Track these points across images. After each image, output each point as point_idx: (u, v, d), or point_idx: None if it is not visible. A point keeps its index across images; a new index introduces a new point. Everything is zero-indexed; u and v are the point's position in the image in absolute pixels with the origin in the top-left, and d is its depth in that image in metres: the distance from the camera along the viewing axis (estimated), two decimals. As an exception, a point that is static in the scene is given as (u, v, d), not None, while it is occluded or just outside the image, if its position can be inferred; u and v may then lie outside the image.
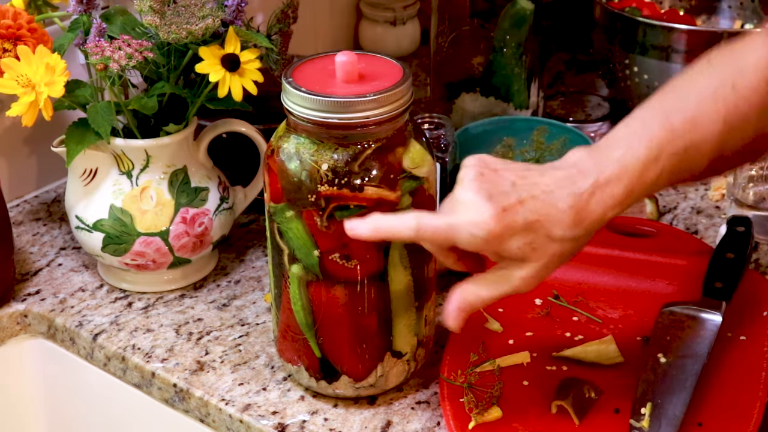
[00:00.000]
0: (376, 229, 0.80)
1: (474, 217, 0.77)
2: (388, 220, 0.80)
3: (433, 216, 0.79)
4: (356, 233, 0.80)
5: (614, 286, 1.03)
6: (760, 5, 1.41)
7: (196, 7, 0.97)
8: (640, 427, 0.85)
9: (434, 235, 0.79)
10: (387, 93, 0.83)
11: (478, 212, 0.76)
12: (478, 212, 0.76)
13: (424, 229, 0.78)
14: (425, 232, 0.78)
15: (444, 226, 0.78)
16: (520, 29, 1.27)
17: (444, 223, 0.78)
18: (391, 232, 0.80)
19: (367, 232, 0.80)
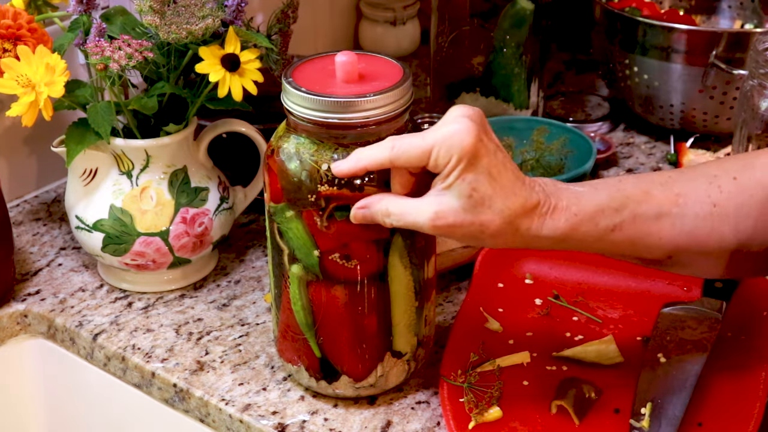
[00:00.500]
0: (358, 161, 0.80)
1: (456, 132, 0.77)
2: (366, 150, 0.80)
3: (408, 135, 0.80)
4: (341, 171, 0.81)
5: (614, 286, 1.03)
6: (760, 5, 1.41)
7: (196, 7, 0.97)
8: (640, 427, 0.85)
9: (409, 149, 0.78)
10: (387, 93, 0.83)
11: (465, 130, 0.77)
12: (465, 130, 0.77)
13: (398, 146, 0.79)
14: (400, 148, 0.79)
15: (418, 140, 0.78)
16: (520, 29, 1.27)
17: (419, 138, 0.78)
18: (370, 159, 0.80)
19: (350, 166, 0.80)
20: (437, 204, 0.79)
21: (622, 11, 1.32)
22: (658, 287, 1.02)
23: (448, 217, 0.78)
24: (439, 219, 0.78)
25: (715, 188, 0.81)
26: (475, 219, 0.78)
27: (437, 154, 0.78)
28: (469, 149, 0.77)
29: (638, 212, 0.80)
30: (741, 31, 1.32)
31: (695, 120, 1.31)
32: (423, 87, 1.46)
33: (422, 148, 0.78)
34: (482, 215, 0.78)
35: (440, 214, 0.78)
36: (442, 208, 0.78)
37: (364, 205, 0.81)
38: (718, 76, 1.25)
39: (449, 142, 0.77)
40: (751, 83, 1.09)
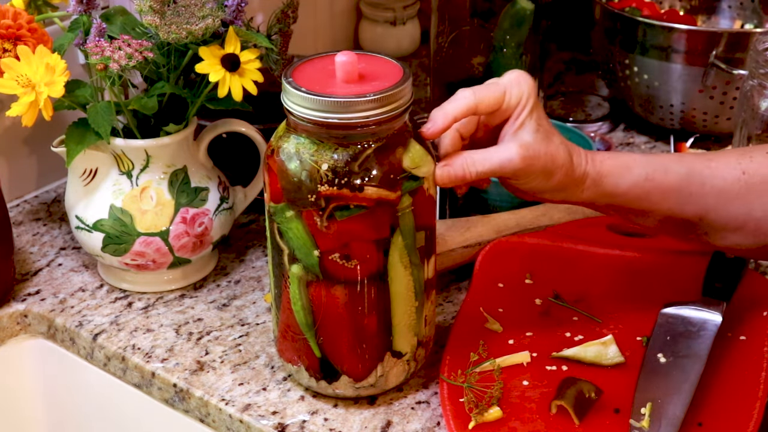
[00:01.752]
0: (446, 115, 0.86)
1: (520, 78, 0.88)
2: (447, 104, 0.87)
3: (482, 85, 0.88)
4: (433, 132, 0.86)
5: (614, 286, 1.03)
6: (760, 5, 1.41)
7: (196, 7, 0.97)
8: (640, 427, 0.85)
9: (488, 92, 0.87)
10: (387, 93, 0.83)
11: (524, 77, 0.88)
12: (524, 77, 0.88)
13: (478, 92, 0.87)
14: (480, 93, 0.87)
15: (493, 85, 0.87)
16: (520, 29, 1.27)
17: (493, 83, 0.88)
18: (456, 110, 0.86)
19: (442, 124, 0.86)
20: (518, 140, 0.86)
21: (622, 11, 1.32)
22: (658, 287, 1.02)
23: (530, 148, 0.86)
24: (524, 151, 0.85)
25: (746, 158, 0.90)
26: (547, 149, 0.86)
27: (510, 92, 0.87)
28: (533, 92, 0.87)
29: (670, 168, 0.89)
30: (741, 31, 1.32)
31: (695, 120, 1.31)
32: (423, 87, 1.46)
33: (498, 91, 0.87)
34: (550, 146, 0.87)
35: (523, 147, 0.86)
36: (523, 142, 0.86)
37: (447, 163, 0.86)
38: (718, 76, 1.25)
39: (519, 85, 0.87)
40: (751, 83, 1.09)
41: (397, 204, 0.85)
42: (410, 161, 0.85)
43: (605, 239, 1.07)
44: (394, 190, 0.84)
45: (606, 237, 1.08)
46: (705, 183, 0.88)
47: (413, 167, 0.85)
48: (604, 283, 1.03)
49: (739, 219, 0.89)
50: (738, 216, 0.89)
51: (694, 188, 0.88)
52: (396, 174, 0.84)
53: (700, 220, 0.89)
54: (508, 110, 0.87)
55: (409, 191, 0.85)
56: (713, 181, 0.88)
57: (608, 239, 1.07)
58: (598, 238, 1.07)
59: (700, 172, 0.89)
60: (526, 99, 0.87)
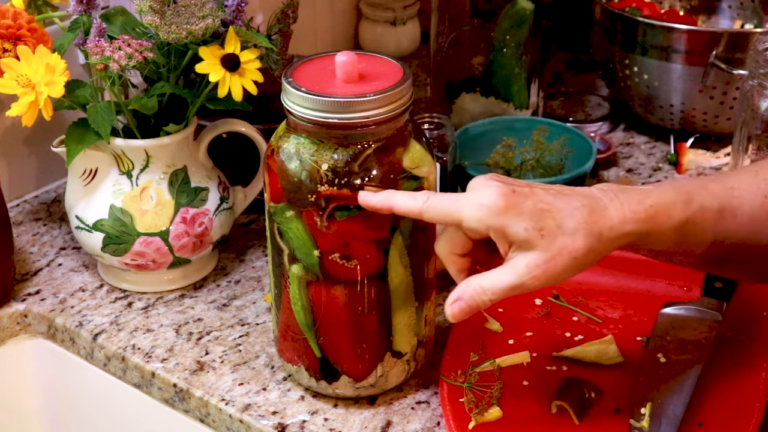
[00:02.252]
0: (387, 200, 0.81)
1: (482, 193, 0.78)
2: (399, 195, 0.81)
3: (443, 194, 0.80)
4: (368, 202, 0.82)
5: (614, 286, 1.03)
6: (760, 5, 1.41)
7: (196, 7, 0.97)
8: (640, 427, 0.85)
9: (439, 208, 0.79)
10: (387, 93, 0.83)
11: (487, 190, 0.78)
12: (487, 190, 0.78)
13: (430, 202, 0.80)
14: (431, 205, 0.79)
15: (450, 201, 0.79)
16: (520, 29, 1.27)
17: (451, 199, 0.79)
18: (400, 205, 0.81)
19: (378, 202, 0.81)
20: (523, 260, 0.77)
21: (622, 11, 1.32)
22: (658, 287, 1.02)
23: (539, 266, 0.77)
24: (533, 270, 0.77)
25: (761, 180, 0.82)
26: (560, 251, 0.77)
27: (468, 216, 0.78)
28: (501, 206, 0.77)
29: (705, 205, 0.80)
30: (741, 31, 1.32)
31: (695, 120, 1.31)
32: (423, 87, 1.46)
33: (450, 210, 0.79)
34: (563, 244, 0.77)
35: (530, 267, 0.77)
36: (528, 261, 0.77)
37: (457, 298, 0.80)
38: (718, 76, 1.25)
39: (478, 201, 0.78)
40: (751, 83, 1.09)
41: (397, 204, 0.85)
42: (410, 161, 0.85)
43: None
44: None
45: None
46: (736, 215, 0.81)
47: (413, 167, 0.85)
48: (604, 283, 1.03)
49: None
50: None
51: (729, 224, 0.81)
52: (396, 174, 0.84)
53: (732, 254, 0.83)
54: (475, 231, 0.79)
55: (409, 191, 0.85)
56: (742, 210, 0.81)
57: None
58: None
59: (729, 203, 0.81)
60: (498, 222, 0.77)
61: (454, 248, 0.82)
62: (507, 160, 1.19)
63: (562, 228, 0.77)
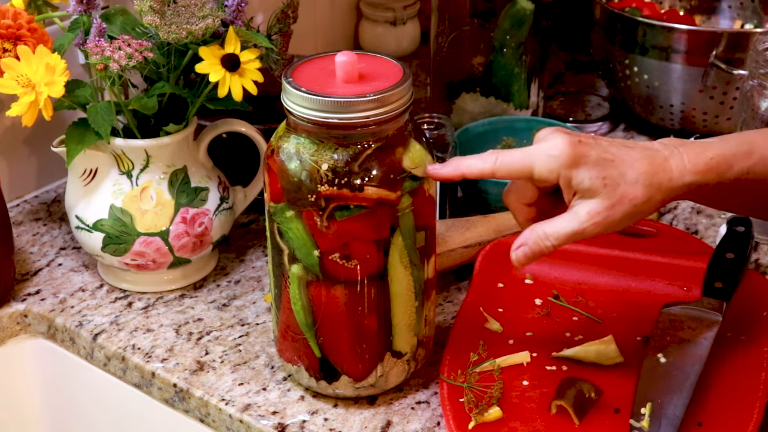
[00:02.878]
0: (457, 168, 0.84)
1: (551, 144, 0.81)
2: (467, 159, 0.84)
3: (511, 151, 0.83)
4: (438, 173, 0.84)
5: (614, 286, 1.03)
6: (760, 5, 1.41)
7: (196, 7, 0.97)
8: (640, 427, 0.85)
9: (511, 164, 0.82)
10: (387, 93, 0.83)
11: (555, 141, 0.81)
12: (555, 141, 0.81)
13: (501, 159, 0.83)
14: (502, 163, 0.83)
15: (520, 155, 0.82)
16: (520, 29, 1.27)
17: (521, 153, 0.82)
18: (470, 168, 0.84)
19: (449, 172, 0.84)
20: (585, 207, 0.81)
21: (622, 11, 1.32)
22: (658, 287, 1.02)
23: (600, 211, 0.81)
24: (594, 217, 0.81)
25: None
26: (621, 199, 0.80)
27: (540, 167, 0.81)
28: (568, 154, 0.81)
29: (766, 155, 0.83)
30: (741, 31, 1.32)
31: (695, 120, 1.31)
32: (423, 87, 1.46)
33: (522, 162, 0.82)
34: (625, 193, 0.80)
35: (592, 213, 0.81)
36: (590, 208, 0.81)
37: (522, 243, 0.83)
38: (718, 76, 1.25)
39: (547, 152, 0.81)
40: (751, 83, 1.09)
41: (397, 204, 0.85)
42: (410, 161, 0.85)
43: (605, 239, 1.07)
44: (394, 190, 0.84)
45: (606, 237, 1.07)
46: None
47: (413, 167, 0.85)
48: (604, 283, 1.03)
49: None
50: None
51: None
52: (396, 174, 0.84)
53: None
54: (544, 182, 0.82)
55: (409, 191, 0.85)
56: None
57: (608, 239, 1.07)
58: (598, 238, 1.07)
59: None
60: (566, 169, 0.81)
61: (522, 198, 0.86)
62: (507, 160, 1.19)
63: (624, 177, 0.81)
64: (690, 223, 1.18)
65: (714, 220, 1.18)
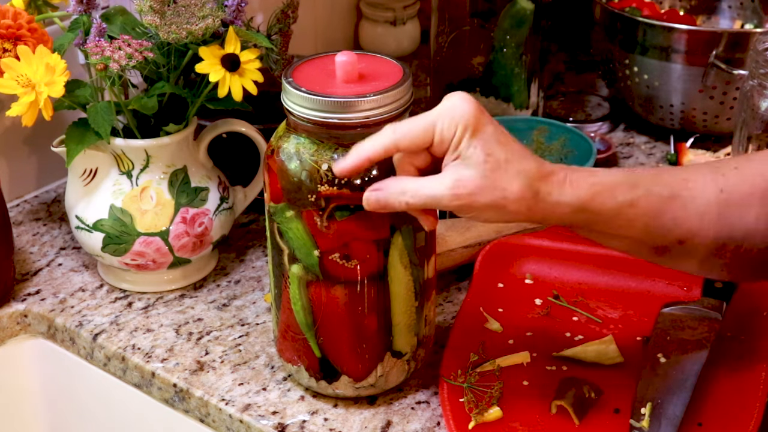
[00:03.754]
0: (359, 155, 0.79)
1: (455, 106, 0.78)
2: (365, 142, 0.80)
3: (409, 119, 0.79)
4: (343, 170, 0.80)
5: (614, 286, 1.03)
6: (760, 5, 1.41)
7: (196, 7, 0.97)
8: (640, 427, 0.85)
9: (411, 131, 0.78)
10: (387, 93, 0.83)
11: (461, 104, 0.78)
12: (461, 104, 0.78)
13: (400, 129, 0.79)
14: (402, 132, 0.78)
15: (420, 120, 0.79)
16: (520, 29, 1.27)
17: (420, 118, 0.79)
18: (372, 150, 0.79)
19: (352, 162, 0.80)
20: (455, 173, 0.77)
21: (622, 11, 1.32)
22: (658, 287, 1.02)
23: (468, 184, 0.77)
24: (459, 187, 0.77)
25: (719, 176, 0.82)
26: (495, 183, 0.77)
27: (441, 126, 0.78)
28: (472, 115, 0.78)
29: (652, 190, 0.80)
30: (741, 31, 1.32)
31: (695, 120, 1.31)
32: (423, 87, 1.46)
33: (425, 125, 0.78)
34: (501, 179, 0.77)
35: (460, 183, 0.77)
36: (460, 176, 0.77)
37: (378, 188, 0.79)
38: (718, 76, 1.25)
39: (451, 113, 0.78)
40: (751, 83, 1.09)
41: (397, 204, 0.85)
42: (410, 161, 0.85)
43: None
44: (394, 190, 0.84)
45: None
46: (687, 206, 0.81)
47: (413, 167, 0.85)
48: (604, 283, 1.03)
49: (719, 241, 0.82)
50: (719, 238, 0.82)
51: (677, 213, 0.81)
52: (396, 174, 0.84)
53: (680, 245, 0.82)
54: (441, 144, 0.78)
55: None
56: (694, 202, 0.81)
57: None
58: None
59: (680, 194, 0.81)
60: (463, 129, 0.77)
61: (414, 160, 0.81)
62: (507, 160, 1.19)
63: (508, 164, 0.77)
64: (690, 223, 1.18)
65: (714, 220, 1.18)
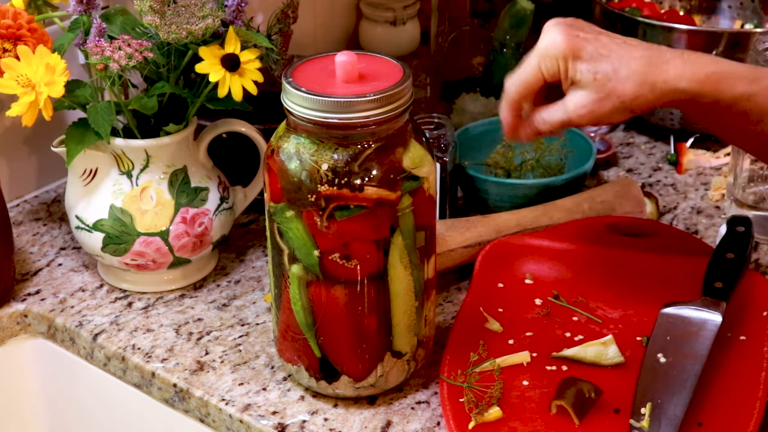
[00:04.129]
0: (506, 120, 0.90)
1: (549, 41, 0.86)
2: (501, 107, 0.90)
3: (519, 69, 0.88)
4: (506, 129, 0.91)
5: (614, 286, 1.03)
6: (760, 5, 1.41)
7: (196, 7, 0.97)
8: (640, 427, 0.85)
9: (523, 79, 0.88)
10: (387, 93, 0.83)
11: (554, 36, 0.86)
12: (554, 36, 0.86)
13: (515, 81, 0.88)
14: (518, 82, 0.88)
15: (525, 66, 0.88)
16: (520, 29, 1.27)
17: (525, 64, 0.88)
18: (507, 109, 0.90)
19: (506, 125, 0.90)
20: (574, 97, 0.85)
21: (622, 11, 1.32)
22: (658, 287, 1.02)
23: (587, 103, 0.85)
24: (579, 109, 0.85)
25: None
26: (608, 95, 0.84)
27: (545, 66, 0.86)
28: (567, 46, 0.85)
29: None
30: (741, 31, 1.32)
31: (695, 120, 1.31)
32: (423, 87, 1.46)
33: (532, 70, 0.87)
34: (615, 88, 0.84)
35: (579, 104, 0.85)
36: (577, 99, 0.85)
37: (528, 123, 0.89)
38: (718, 76, 1.25)
39: (547, 51, 0.86)
40: (751, 83, 1.09)
41: (397, 204, 0.85)
42: (410, 161, 0.85)
43: (605, 239, 1.07)
44: (394, 190, 0.84)
45: (606, 237, 1.07)
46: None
47: (413, 167, 0.85)
48: (604, 284, 1.03)
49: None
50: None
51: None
52: (396, 174, 0.84)
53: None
54: (553, 78, 0.87)
55: (409, 191, 0.85)
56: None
57: (608, 239, 1.07)
58: (598, 238, 1.07)
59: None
60: (564, 61, 0.85)
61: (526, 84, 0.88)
62: (507, 160, 1.19)
63: (617, 73, 0.84)
64: (690, 223, 1.18)
65: (714, 220, 1.18)
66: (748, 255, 1.01)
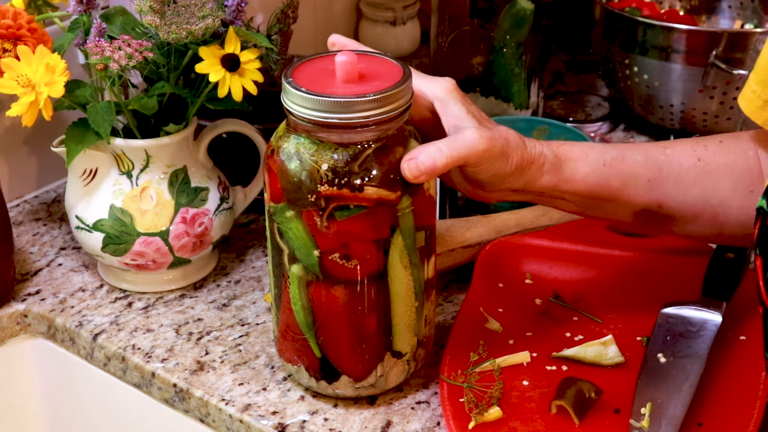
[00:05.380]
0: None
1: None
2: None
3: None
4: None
5: (614, 286, 1.03)
6: (760, 5, 1.41)
7: (196, 7, 0.97)
8: (640, 427, 0.85)
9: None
10: (387, 93, 0.83)
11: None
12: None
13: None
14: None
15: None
16: (520, 29, 1.27)
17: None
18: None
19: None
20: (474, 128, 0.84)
21: (622, 11, 1.32)
22: (658, 287, 1.02)
23: (484, 132, 0.84)
24: (482, 133, 0.83)
25: (701, 146, 0.90)
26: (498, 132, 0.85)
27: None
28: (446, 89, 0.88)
29: (627, 155, 0.88)
30: (741, 31, 1.32)
31: (695, 120, 1.31)
32: (423, 87, 1.46)
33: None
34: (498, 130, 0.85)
35: (479, 129, 0.84)
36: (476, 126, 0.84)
37: (411, 156, 0.83)
38: (718, 76, 1.25)
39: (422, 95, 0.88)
40: (751, 83, 1.09)
41: (397, 204, 0.85)
42: (410, 161, 0.85)
43: (605, 239, 1.07)
44: (394, 190, 0.84)
45: (606, 237, 1.08)
46: (662, 169, 0.88)
47: (413, 167, 0.85)
48: (604, 283, 1.03)
49: (697, 207, 0.89)
50: (696, 203, 0.89)
51: (652, 174, 0.88)
52: (396, 174, 0.84)
53: (659, 208, 0.89)
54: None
55: (409, 191, 0.85)
56: (670, 167, 0.88)
57: (608, 239, 1.07)
58: (598, 238, 1.07)
59: (657, 158, 0.89)
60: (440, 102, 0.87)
61: None
62: (507, 160, 1.19)
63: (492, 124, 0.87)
64: (690, 223, 1.18)
65: (714, 220, 1.18)
66: (748, 255, 1.01)
